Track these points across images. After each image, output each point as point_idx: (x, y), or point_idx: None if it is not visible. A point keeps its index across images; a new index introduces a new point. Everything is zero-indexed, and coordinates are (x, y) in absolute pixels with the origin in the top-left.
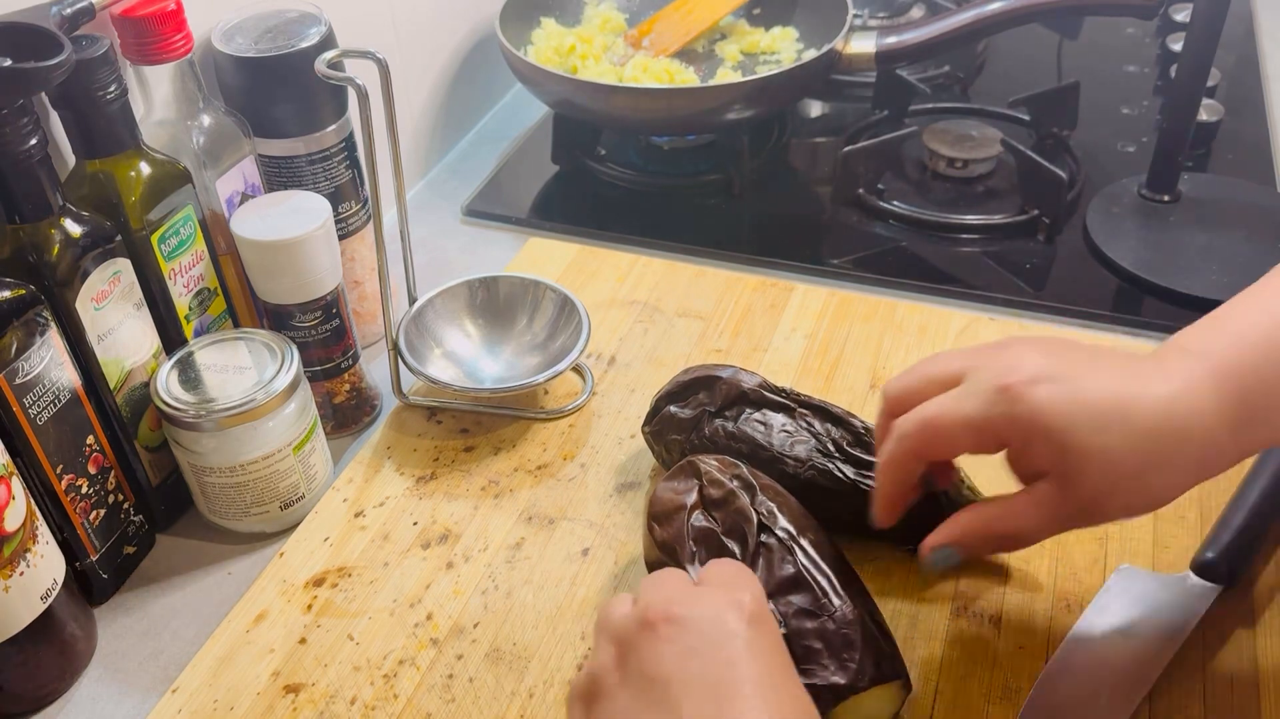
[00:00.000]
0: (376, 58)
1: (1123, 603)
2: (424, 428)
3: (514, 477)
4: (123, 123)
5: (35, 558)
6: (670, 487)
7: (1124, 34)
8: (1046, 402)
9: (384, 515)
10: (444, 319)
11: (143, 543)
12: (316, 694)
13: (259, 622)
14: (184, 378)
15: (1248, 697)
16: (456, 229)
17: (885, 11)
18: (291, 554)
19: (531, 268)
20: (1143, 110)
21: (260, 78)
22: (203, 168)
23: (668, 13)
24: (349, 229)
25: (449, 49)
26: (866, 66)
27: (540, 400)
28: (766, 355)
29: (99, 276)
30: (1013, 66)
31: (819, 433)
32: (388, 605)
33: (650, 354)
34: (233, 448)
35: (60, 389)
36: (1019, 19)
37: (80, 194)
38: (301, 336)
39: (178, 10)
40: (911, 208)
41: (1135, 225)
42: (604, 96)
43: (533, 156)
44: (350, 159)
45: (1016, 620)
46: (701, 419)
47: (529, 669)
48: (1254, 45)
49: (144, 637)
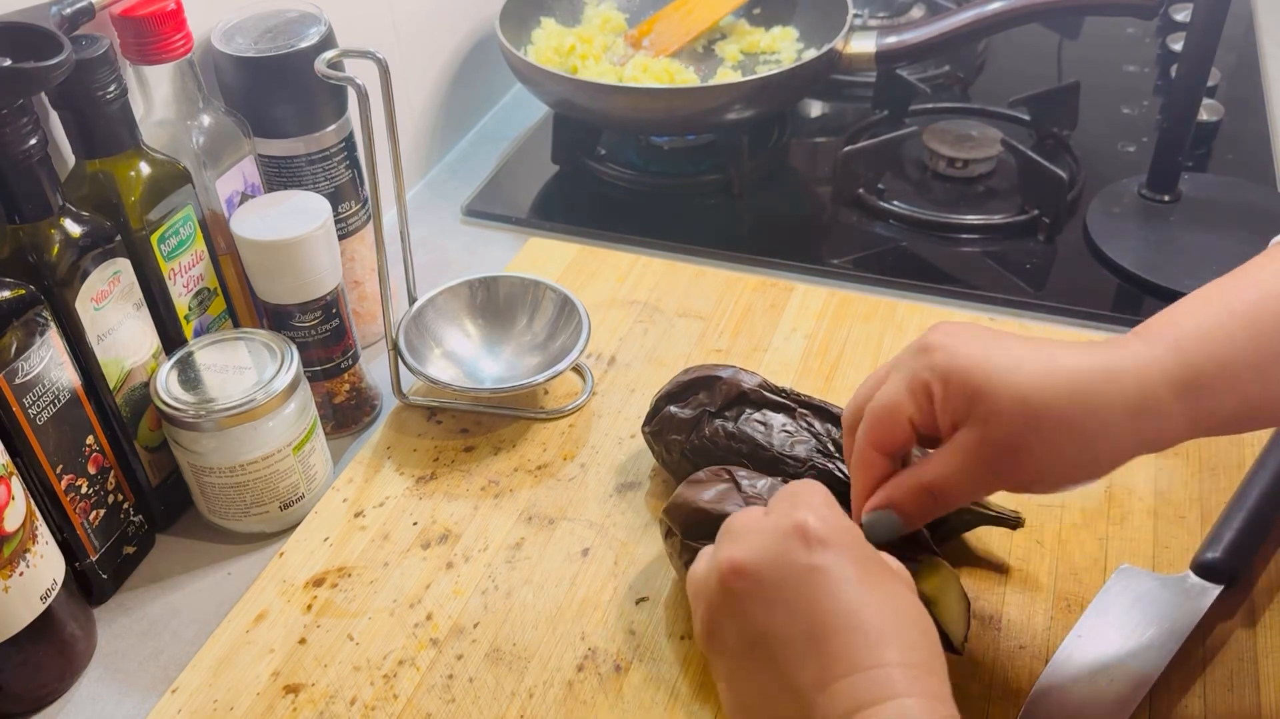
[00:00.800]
0: (376, 58)
1: (1123, 603)
2: (424, 428)
3: (514, 477)
4: (122, 123)
5: (35, 558)
6: (698, 487)
7: (1124, 34)
8: (962, 348)
9: (384, 515)
10: (444, 319)
11: (142, 543)
12: (316, 694)
13: (259, 622)
14: (184, 378)
15: (1248, 697)
16: (456, 229)
17: (885, 11)
18: (291, 554)
19: (531, 268)
20: (1143, 110)
21: (260, 78)
22: (203, 168)
23: (668, 13)
24: (349, 229)
25: (449, 49)
26: (866, 66)
27: (540, 400)
28: (766, 355)
29: (99, 276)
30: (1013, 66)
31: (819, 433)
32: (388, 605)
33: (650, 354)
34: (232, 448)
35: (60, 389)
36: (1019, 19)
37: (80, 194)
38: (301, 337)
39: (177, 10)
40: (911, 208)
41: (1135, 225)
42: (604, 96)
43: (533, 156)
44: (350, 159)
45: (1016, 620)
46: (702, 419)
47: (529, 669)
48: (1254, 45)
49: (144, 637)
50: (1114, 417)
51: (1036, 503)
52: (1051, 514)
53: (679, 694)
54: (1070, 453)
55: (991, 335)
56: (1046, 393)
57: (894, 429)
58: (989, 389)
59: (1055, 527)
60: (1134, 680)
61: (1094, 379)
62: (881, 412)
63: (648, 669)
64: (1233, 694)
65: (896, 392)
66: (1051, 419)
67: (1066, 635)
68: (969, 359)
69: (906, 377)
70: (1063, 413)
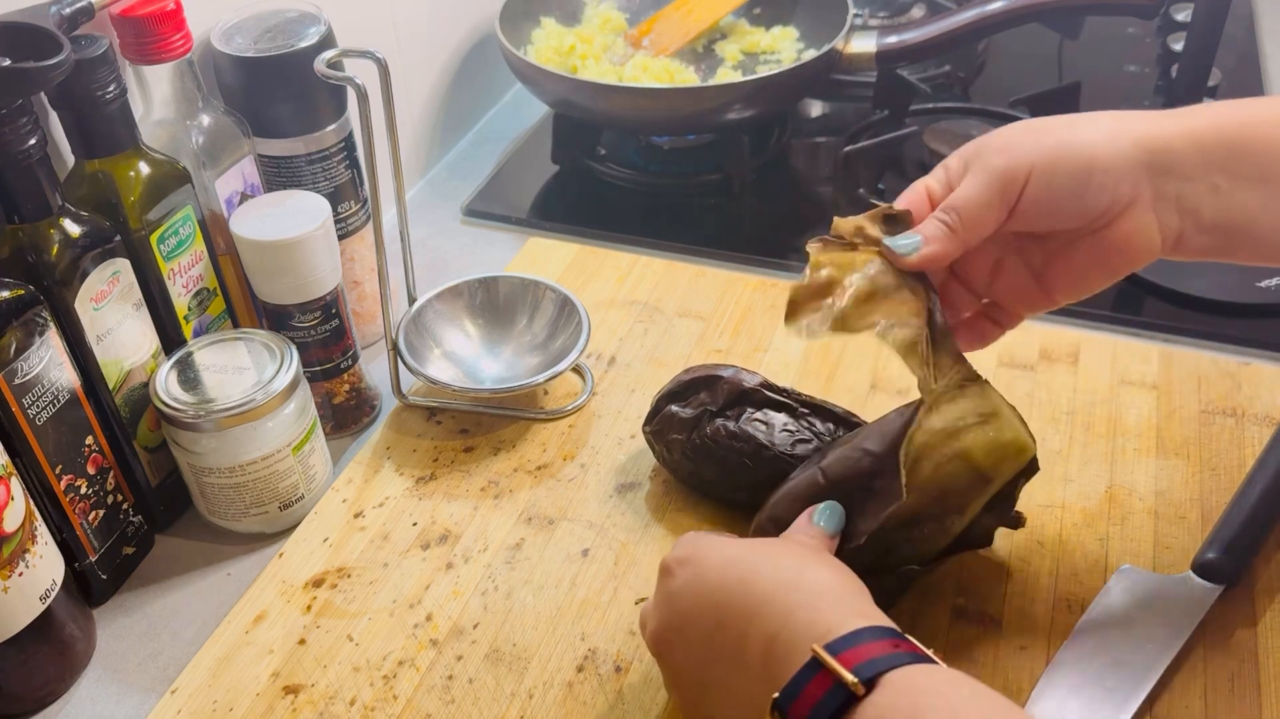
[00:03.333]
0: (376, 57)
1: (1123, 603)
2: (424, 428)
3: (514, 477)
4: (122, 123)
5: (34, 558)
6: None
7: (1124, 34)
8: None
9: (383, 516)
10: (444, 319)
11: (142, 543)
12: (316, 695)
13: (258, 622)
14: (183, 378)
15: (1248, 697)
16: (456, 229)
17: (885, 11)
18: (291, 555)
19: (531, 268)
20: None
21: (260, 78)
22: (202, 168)
23: (668, 12)
24: (349, 229)
25: (449, 49)
26: (867, 66)
27: (540, 401)
28: (767, 355)
29: (98, 277)
30: (1013, 66)
31: (821, 432)
32: (387, 606)
33: (650, 354)
34: (232, 448)
35: (59, 389)
36: (1019, 19)
37: (79, 194)
38: (301, 337)
39: (177, 10)
40: None
41: None
42: (604, 96)
43: (533, 156)
44: (350, 159)
45: (1016, 621)
46: (703, 418)
47: (529, 670)
48: (1254, 45)
49: (143, 637)
50: (1101, 158)
51: (1037, 503)
52: (1052, 514)
53: None
54: (1067, 185)
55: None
56: (1040, 137)
57: (912, 196)
58: (988, 140)
59: (1056, 527)
60: (1134, 680)
61: (1077, 139)
62: (908, 190)
63: (648, 669)
64: (1233, 694)
65: (921, 180)
66: (1045, 158)
67: (1067, 636)
68: (981, 136)
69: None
70: (1051, 152)
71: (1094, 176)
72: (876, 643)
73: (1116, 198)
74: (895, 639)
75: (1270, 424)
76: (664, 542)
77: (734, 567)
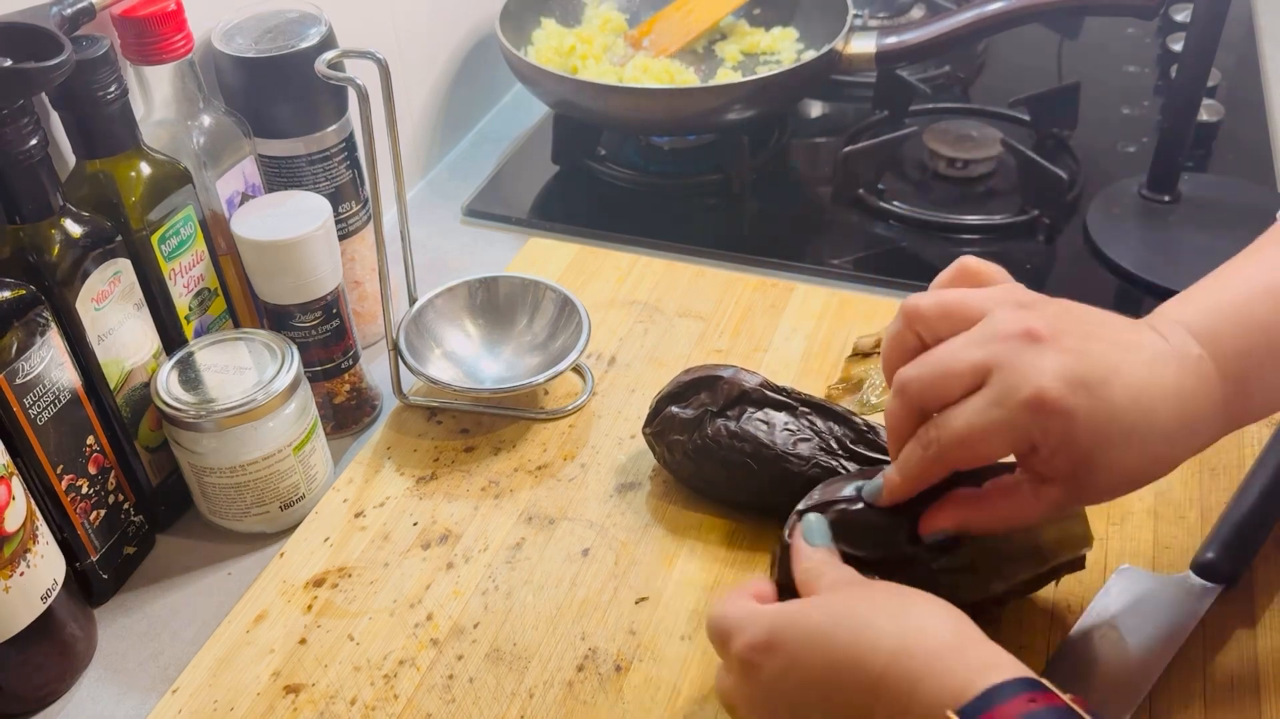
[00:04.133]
0: (376, 58)
1: (1123, 603)
2: (424, 428)
3: (514, 477)
4: (123, 123)
5: (35, 558)
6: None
7: (1124, 34)
8: (1081, 417)
9: (384, 516)
10: (444, 319)
11: (143, 543)
12: (316, 695)
13: (259, 622)
14: (184, 378)
15: (1248, 697)
16: (456, 229)
17: (885, 11)
18: (291, 554)
19: (531, 268)
20: (1143, 110)
21: (260, 78)
22: (203, 168)
23: (668, 13)
24: (349, 229)
25: (449, 49)
26: (867, 66)
27: (540, 400)
28: (767, 355)
29: (99, 277)
30: (1013, 66)
31: (821, 431)
32: (388, 606)
33: (650, 354)
34: (233, 448)
35: (60, 389)
36: (1019, 19)
37: (80, 194)
38: (301, 337)
39: (178, 10)
40: (911, 208)
41: (1135, 225)
42: (604, 96)
43: (533, 156)
44: (350, 159)
45: (1016, 621)
46: (704, 419)
47: (529, 669)
48: (1254, 45)
49: (144, 637)
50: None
51: None
52: None
53: (679, 694)
54: (1126, 490)
55: (1092, 379)
56: (1143, 466)
57: (980, 460)
58: (1100, 465)
59: None
60: (1134, 680)
61: (1179, 449)
62: (979, 444)
63: (648, 669)
64: (1233, 694)
65: (1000, 436)
66: (1136, 483)
67: (1066, 636)
68: (1086, 433)
69: (1012, 428)
70: (1145, 475)
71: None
72: (1012, 701)
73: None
74: (1031, 693)
75: (1270, 424)
76: (664, 541)
77: (833, 645)
